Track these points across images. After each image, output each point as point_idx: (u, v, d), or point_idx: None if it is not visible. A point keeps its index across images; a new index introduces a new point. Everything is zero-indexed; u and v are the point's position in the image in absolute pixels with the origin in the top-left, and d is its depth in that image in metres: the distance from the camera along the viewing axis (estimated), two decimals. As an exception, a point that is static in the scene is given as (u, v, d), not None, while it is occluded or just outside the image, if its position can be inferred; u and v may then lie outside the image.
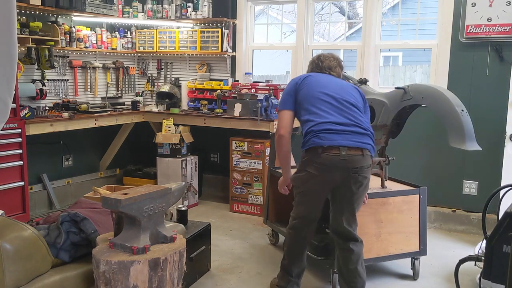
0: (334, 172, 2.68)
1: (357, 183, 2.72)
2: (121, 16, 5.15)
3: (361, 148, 2.68)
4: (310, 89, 2.83)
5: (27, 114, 4.03)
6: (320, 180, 2.72)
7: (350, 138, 2.67)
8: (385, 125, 3.24)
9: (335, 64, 3.01)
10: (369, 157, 2.73)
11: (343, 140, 2.65)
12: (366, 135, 2.73)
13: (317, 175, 2.70)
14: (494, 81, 4.07)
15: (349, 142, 2.66)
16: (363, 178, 2.73)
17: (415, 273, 3.36)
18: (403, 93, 3.14)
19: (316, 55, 3.09)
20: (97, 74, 5.17)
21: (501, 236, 1.66)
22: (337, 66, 3.02)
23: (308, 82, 2.87)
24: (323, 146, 2.65)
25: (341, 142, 2.65)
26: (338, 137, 2.66)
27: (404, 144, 4.17)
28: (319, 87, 2.83)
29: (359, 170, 2.69)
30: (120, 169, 5.57)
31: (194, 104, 5.21)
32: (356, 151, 2.67)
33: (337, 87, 2.85)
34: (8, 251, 2.07)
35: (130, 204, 2.21)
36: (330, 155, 2.64)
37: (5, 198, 3.82)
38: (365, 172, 2.73)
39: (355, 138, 2.68)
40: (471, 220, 4.29)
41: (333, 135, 2.66)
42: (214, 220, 4.50)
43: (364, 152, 2.69)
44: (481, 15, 4.00)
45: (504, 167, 3.86)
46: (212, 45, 5.11)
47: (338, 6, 7.40)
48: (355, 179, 2.70)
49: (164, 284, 2.26)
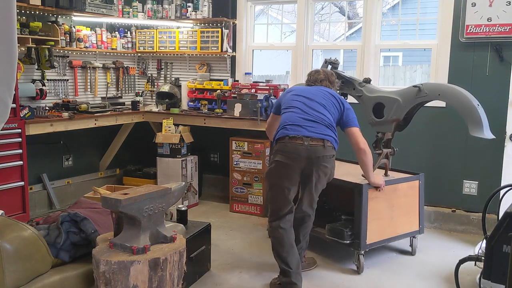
0: (298, 160, 3.03)
1: (318, 171, 3.07)
2: (121, 16, 5.15)
3: (323, 139, 3.04)
4: (289, 95, 3.29)
5: (27, 114, 4.03)
6: (286, 168, 3.06)
7: (313, 130, 3.06)
8: (397, 119, 3.55)
9: (322, 77, 3.37)
10: (330, 148, 3.07)
11: (306, 132, 3.04)
12: (328, 129, 3.09)
13: (284, 162, 3.05)
14: (494, 81, 4.07)
15: (312, 134, 3.04)
16: (324, 167, 3.07)
17: (413, 249, 3.79)
18: (417, 90, 3.42)
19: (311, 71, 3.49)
20: (97, 74, 5.17)
21: (501, 236, 1.66)
22: (324, 79, 3.37)
23: (290, 91, 3.36)
24: (289, 135, 3.06)
25: (305, 133, 3.04)
26: (302, 129, 3.06)
27: (404, 144, 4.18)
28: (297, 92, 3.28)
29: (320, 159, 3.03)
30: (120, 169, 5.57)
31: (194, 104, 5.21)
32: (318, 141, 3.03)
33: (312, 92, 3.26)
34: (8, 251, 2.07)
35: (130, 204, 2.21)
36: (296, 144, 3.03)
37: (5, 198, 3.82)
38: (326, 161, 3.07)
39: (318, 131, 3.06)
40: (471, 220, 4.29)
41: (298, 127, 3.07)
42: (214, 220, 4.50)
43: (326, 143, 3.04)
44: (481, 15, 4.00)
45: (504, 167, 3.86)
46: (212, 45, 5.11)
47: (338, 6, 7.40)
48: (317, 167, 3.05)
49: (164, 284, 2.26)
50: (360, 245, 3.37)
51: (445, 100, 3.47)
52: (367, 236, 3.40)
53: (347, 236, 3.42)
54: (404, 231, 3.67)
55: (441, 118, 4.32)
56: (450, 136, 4.31)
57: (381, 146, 3.64)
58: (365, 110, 3.69)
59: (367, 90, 3.69)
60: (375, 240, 3.46)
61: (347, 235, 3.43)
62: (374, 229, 3.43)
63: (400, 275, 3.44)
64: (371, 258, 3.70)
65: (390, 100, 3.56)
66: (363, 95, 3.70)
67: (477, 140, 4.15)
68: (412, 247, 3.80)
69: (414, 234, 3.75)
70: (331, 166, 3.12)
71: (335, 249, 3.80)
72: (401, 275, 3.43)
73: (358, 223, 3.38)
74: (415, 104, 3.49)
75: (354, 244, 3.42)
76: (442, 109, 4.30)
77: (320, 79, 3.36)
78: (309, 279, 3.33)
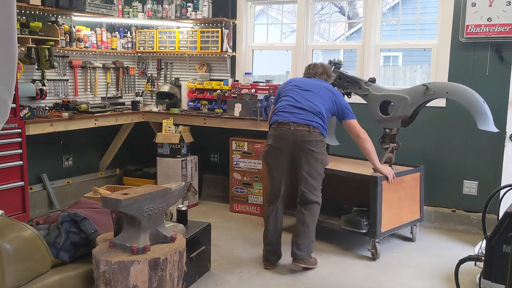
0: (284, 143, 3.31)
1: (306, 155, 3.28)
2: (121, 16, 5.15)
3: (308, 125, 3.28)
4: (288, 86, 3.55)
5: (27, 114, 4.03)
6: (275, 151, 3.35)
7: (299, 116, 3.31)
8: (405, 116, 3.76)
9: (320, 71, 3.61)
10: (317, 134, 3.29)
11: (293, 118, 3.31)
12: (316, 116, 3.31)
13: (273, 146, 3.36)
14: (494, 81, 4.07)
15: (298, 119, 3.29)
16: (311, 151, 3.27)
17: (413, 236, 4.07)
18: (425, 89, 3.65)
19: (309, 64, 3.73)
20: (97, 74, 5.18)
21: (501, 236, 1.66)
22: (322, 73, 3.60)
23: (289, 82, 3.62)
24: (278, 121, 3.36)
25: (291, 118, 3.31)
26: (290, 115, 3.33)
27: (404, 144, 4.18)
28: (294, 83, 3.54)
29: (306, 143, 3.26)
30: (120, 169, 5.57)
31: (194, 104, 5.21)
32: (303, 127, 3.28)
33: (308, 83, 3.52)
34: (8, 251, 2.07)
35: (130, 204, 2.21)
36: (282, 129, 3.32)
37: (5, 198, 3.82)
38: (313, 146, 3.27)
39: (304, 117, 3.30)
40: (471, 220, 4.29)
41: (287, 113, 3.35)
42: (214, 220, 4.50)
43: (311, 128, 3.27)
44: (481, 15, 4.00)
45: (504, 167, 3.86)
46: (212, 45, 5.11)
47: (338, 6, 7.40)
48: (304, 152, 3.27)
49: (164, 284, 2.26)
50: (376, 234, 3.63)
51: (453, 98, 3.64)
52: (381, 225, 3.65)
53: (364, 226, 3.65)
54: (409, 220, 3.95)
55: (441, 118, 4.32)
56: (450, 136, 4.31)
57: (387, 141, 3.85)
58: (372, 108, 3.91)
59: (374, 89, 3.91)
60: (387, 228, 3.72)
61: (364, 225, 3.65)
62: (386, 218, 3.69)
63: (400, 275, 3.44)
64: (370, 252, 3.71)
65: (398, 98, 3.77)
66: (369, 93, 3.92)
67: (477, 140, 4.19)
68: (412, 234, 4.07)
69: (416, 223, 4.06)
70: (319, 151, 3.31)
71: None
72: (401, 275, 3.43)
73: (374, 213, 3.61)
74: (423, 101, 3.72)
75: (370, 233, 3.66)
76: (442, 109, 4.30)
77: (319, 72, 3.59)
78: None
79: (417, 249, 3.92)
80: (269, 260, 3.50)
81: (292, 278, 3.34)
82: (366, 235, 3.69)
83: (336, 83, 4.04)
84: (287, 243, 3.52)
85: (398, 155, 4.03)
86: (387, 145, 3.84)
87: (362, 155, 4.22)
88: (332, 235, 4.09)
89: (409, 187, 3.93)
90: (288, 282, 3.28)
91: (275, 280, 3.32)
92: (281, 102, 3.47)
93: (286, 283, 3.27)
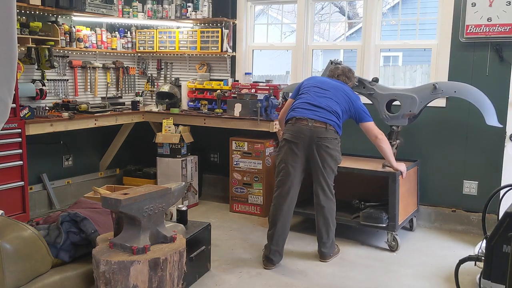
0: (302, 139, 3.41)
1: (321, 151, 3.40)
2: (121, 16, 5.15)
3: (325, 123, 3.41)
4: (307, 83, 3.70)
5: (27, 114, 4.03)
6: (292, 145, 3.44)
7: (317, 114, 3.44)
8: (412, 113, 3.93)
9: (339, 72, 3.77)
10: (332, 132, 3.42)
11: (311, 115, 3.44)
12: (332, 115, 3.45)
13: (290, 140, 3.45)
14: (494, 81, 4.07)
15: (315, 117, 3.43)
16: (326, 147, 3.40)
17: (412, 226, 4.33)
18: (433, 88, 3.84)
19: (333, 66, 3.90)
20: (97, 74, 5.18)
21: (501, 236, 1.66)
22: (341, 74, 3.75)
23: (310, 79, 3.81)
24: (296, 117, 3.48)
25: (309, 115, 3.44)
26: (308, 112, 3.46)
27: (404, 143, 4.18)
28: (313, 82, 3.69)
29: (322, 139, 3.39)
30: (120, 169, 5.57)
31: (194, 104, 5.21)
32: (321, 124, 3.41)
33: (327, 82, 3.66)
34: (8, 251, 2.07)
35: (130, 204, 2.21)
36: (300, 125, 3.44)
37: (5, 198, 3.82)
38: (328, 142, 3.40)
39: (322, 115, 3.43)
40: (471, 220, 4.29)
41: (305, 110, 3.48)
42: (214, 220, 4.50)
43: (328, 126, 3.41)
44: (481, 15, 4.00)
45: (504, 167, 3.86)
46: (212, 45, 5.11)
47: (338, 6, 7.40)
48: (319, 147, 3.39)
49: (164, 284, 2.26)
50: (395, 227, 3.80)
51: (462, 96, 3.83)
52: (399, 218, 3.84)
53: (384, 220, 3.81)
54: (411, 211, 4.20)
55: (441, 118, 4.32)
56: (450, 135, 4.31)
57: (394, 138, 4.03)
58: (378, 107, 4.05)
59: (379, 88, 4.06)
60: (400, 221, 3.89)
61: (384, 219, 3.81)
62: (400, 212, 3.87)
63: (400, 275, 3.44)
64: (370, 251, 3.71)
65: (405, 97, 3.94)
66: (375, 92, 4.06)
67: (477, 140, 4.19)
68: (412, 224, 4.33)
69: (415, 213, 4.33)
70: (334, 148, 3.44)
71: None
72: (401, 275, 3.43)
73: (393, 207, 3.77)
74: (430, 100, 3.91)
75: (389, 227, 3.82)
76: (442, 109, 4.30)
77: (338, 74, 3.75)
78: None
79: (417, 249, 3.92)
80: (271, 260, 3.50)
81: (292, 278, 3.34)
82: (385, 229, 3.84)
83: None
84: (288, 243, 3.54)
85: (398, 155, 4.09)
86: (394, 142, 4.01)
87: (364, 152, 4.40)
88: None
89: (412, 181, 4.19)
90: (288, 282, 3.28)
91: (275, 280, 3.32)
92: (299, 100, 3.59)
93: (286, 283, 3.27)
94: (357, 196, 4.23)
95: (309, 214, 4.02)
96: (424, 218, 4.46)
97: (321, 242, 3.59)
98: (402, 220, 3.93)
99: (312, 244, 3.84)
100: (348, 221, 4.00)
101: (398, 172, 3.76)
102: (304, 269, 3.50)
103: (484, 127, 3.91)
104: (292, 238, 4.04)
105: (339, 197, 3.66)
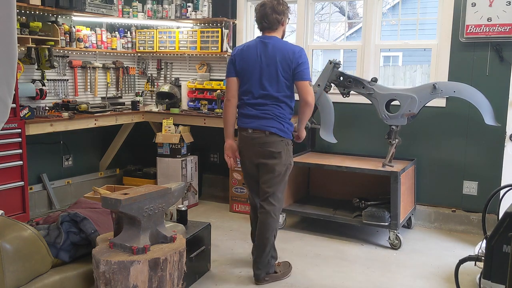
0: (247, 148, 3.23)
1: (265, 157, 3.16)
2: (121, 16, 5.15)
3: (264, 131, 3.14)
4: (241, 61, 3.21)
5: (27, 114, 4.03)
6: (242, 156, 3.29)
7: (258, 122, 3.16)
8: (412, 113, 3.95)
9: (268, 12, 3.09)
10: (274, 136, 3.13)
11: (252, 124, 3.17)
12: (273, 120, 3.14)
13: (240, 151, 3.29)
14: (494, 81, 4.07)
15: (256, 126, 3.16)
16: (270, 152, 3.13)
17: (410, 224, 4.37)
18: (432, 88, 3.87)
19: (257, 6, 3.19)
20: (97, 74, 5.17)
21: (501, 236, 1.66)
22: (274, 21, 3.12)
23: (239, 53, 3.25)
24: (240, 126, 3.25)
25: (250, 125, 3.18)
26: (248, 121, 3.19)
27: (404, 143, 4.18)
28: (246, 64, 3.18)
29: (265, 145, 3.13)
30: (120, 169, 5.57)
31: (194, 104, 5.21)
32: (260, 133, 3.15)
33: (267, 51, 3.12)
34: (8, 251, 2.07)
35: (130, 204, 2.21)
36: (244, 134, 3.22)
37: (5, 198, 3.82)
38: (271, 146, 3.13)
39: (261, 123, 3.15)
40: (471, 220, 4.29)
41: (246, 118, 3.20)
42: (214, 220, 4.50)
43: (267, 133, 3.13)
44: (481, 15, 4.00)
45: (504, 167, 3.86)
46: (212, 45, 5.11)
47: (338, 6, 7.41)
48: (263, 153, 3.15)
49: (164, 284, 2.26)
50: (397, 225, 3.83)
51: (461, 96, 3.87)
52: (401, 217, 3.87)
53: (387, 218, 3.84)
54: (410, 209, 4.24)
55: (440, 117, 4.32)
56: (450, 136, 4.31)
57: (393, 137, 4.04)
58: (378, 106, 4.04)
59: (378, 88, 4.04)
60: (401, 219, 3.92)
61: (387, 218, 3.84)
62: (401, 210, 3.89)
63: (400, 275, 3.44)
64: (370, 251, 3.71)
65: (404, 97, 3.95)
66: (374, 92, 4.04)
67: (477, 140, 4.19)
68: (410, 222, 4.37)
69: (413, 211, 4.38)
70: (277, 149, 3.12)
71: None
72: (401, 275, 3.43)
73: (395, 206, 3.81)
74: (430, 100, 3.93)
75: (391, 225, 3.86)
76: (442, 109, 4.30)
77: (269, 20, 3.11)
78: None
79: (417, 249, 3.92)
80: None
81: (292, 278, 3.34)
82: (388, 227, 3.87)
83: (337, 82, 4.11)
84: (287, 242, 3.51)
85: (398, 155, 4.14)
86: (394, 141, 4.03)
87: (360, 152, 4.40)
88: (332, 235, 4.09)
89: (410, 179, 4.21)
90: (288, 283, 3.28)
91: (275, 280, 3.32)
92: (242, 99, 3.20)
93: (286, 283, 3.27)
94: (356, 195, 4.23)
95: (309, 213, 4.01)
96: (424, 218, 4.46)
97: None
98: (402, 219, 3.95)
99: (312, 244, 3.84)
100: (349, 220, 4.02)
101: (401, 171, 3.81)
102: (304, 269, 3.50)
103: (484, 127, 3.91)
104: (292, 237, 4.04)
105: (339, 196, 3.67)
